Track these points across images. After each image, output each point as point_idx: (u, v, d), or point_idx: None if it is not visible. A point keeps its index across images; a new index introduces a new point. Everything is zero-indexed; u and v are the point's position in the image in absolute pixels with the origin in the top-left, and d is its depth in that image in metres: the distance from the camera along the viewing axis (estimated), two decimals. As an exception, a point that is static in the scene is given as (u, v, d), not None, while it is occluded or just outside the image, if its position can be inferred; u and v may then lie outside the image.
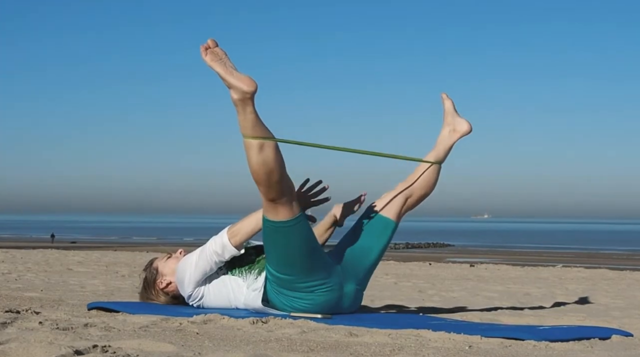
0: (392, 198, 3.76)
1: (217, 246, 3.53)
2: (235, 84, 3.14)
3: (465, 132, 3.94)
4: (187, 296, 3.64)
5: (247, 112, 3.17)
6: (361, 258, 3.59)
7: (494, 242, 46.28)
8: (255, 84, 3.15)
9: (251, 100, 3.16)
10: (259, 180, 3.23)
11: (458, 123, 3.95)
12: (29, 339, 2.47)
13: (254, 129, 3.18)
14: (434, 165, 3.83)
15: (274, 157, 3.21)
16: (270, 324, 3.11)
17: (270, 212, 3.30)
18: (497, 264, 16.25)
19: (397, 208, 3.74)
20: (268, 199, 3.27)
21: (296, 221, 3.31)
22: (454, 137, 3.93)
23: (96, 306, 3.61)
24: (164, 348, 2.47)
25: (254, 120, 3.18)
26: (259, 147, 3.19)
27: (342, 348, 2.58)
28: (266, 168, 3.20)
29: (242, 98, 3.15)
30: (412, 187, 3.80)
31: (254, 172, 3.22)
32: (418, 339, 2.81)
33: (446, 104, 4.02)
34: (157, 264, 3.79)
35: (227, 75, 3.15)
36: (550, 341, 2.85)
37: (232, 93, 3.16)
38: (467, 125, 3.95)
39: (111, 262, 10.59)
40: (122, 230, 71.24)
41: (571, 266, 15.87)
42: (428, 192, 3.84)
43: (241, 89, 3.14)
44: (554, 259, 26.13)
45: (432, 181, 3.83)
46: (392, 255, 25.74)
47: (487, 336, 2.85)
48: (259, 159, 3.19)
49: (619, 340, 3.02)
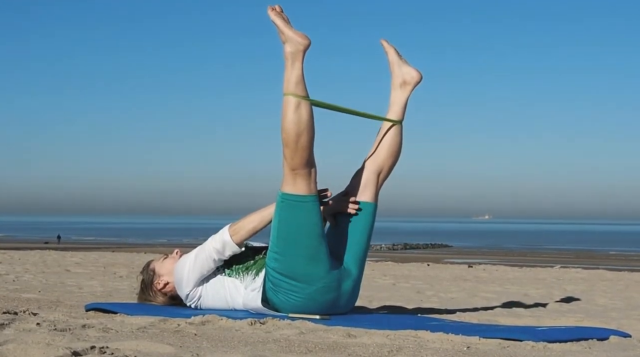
0: (364, 179, 3.60)
1: (217, 243, 3.53)
2: (292, 36, 3.35)
3: (417, 81, 3.70)
4: (184, 296, 3.63)
5: (295, 67, 3.33)
6: (351, 251, 3.53)
7: (492, 243, 46.29)
8: (309, 39, 3.35)
9: (302, 55, 3.35)
10: (288, 140, 3.29)
11: (407, 73, 3.71)
12: (26, 341, 2.46)
13: (296, 86, 3.33)
14: (395, 127, 3.64)
15: (307, 119, 3.31)
16: (269, 325, 3.11)
17: (288, 184, 3.32)
18: (495, 265, 16.25)
19: (372, 188, 3.60)
20: (291, 167, 3.31)
21: (312, 198, 3.33)
22: (407, 90, 3.70)
23: (94, 307, 3.61)
24: (162, 349, 2.47)
25: (299, 77, 3.33)
26: (296, 105, 3.30)
27: (340, 349, 2.58)
28: (298, 128, 3.28)
29: (294, 51, 3.33)
30: (379, 159, 3.63)
31: (285, 131, 3.30)
32: (416, 340, 2.81)
33: (390, 54, 3.78)
34: (154, 265, 3.79)
35: (285, 28, 3.37)
36: (549, 341, 2.85)
37: (286, 46, 3.35)
38: (417, 74, 3.71)
39: (109, 263, 10.57)
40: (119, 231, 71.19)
41: (569, 267, 15.87)
42: (396, 158, 3.66)
43: (296, 41, 3.34)
44: (552, 260, 26.13)
45: (397, 145, 3.65)
46: (390, 256, 25.74)
47: (485, 337, 2.85)
48: (294, 117, 3.29)
49: (617, 341, 3.02)
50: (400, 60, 3.76)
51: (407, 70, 3.73)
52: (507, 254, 31.38)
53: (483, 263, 19.21)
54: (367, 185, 3.61)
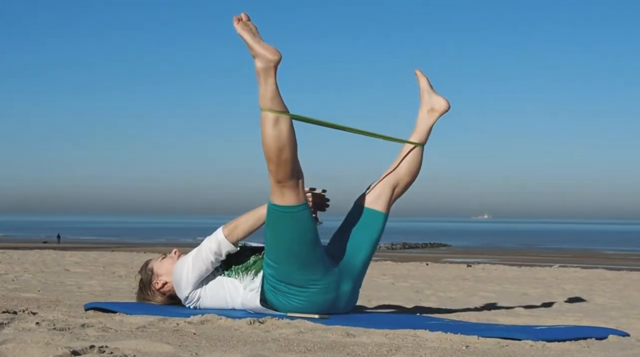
0: (379, 190, 3.70)
1: (213, 244, 3.53)
2: (261, 52, 3.23)
3: (444, 110, 3.85)
4: (184, 297, 3.63)
5: (268, 83, 3.24)
6: (354, 254, 3.56)
7: (491, 242, 46.29)
8: (279, 54, 3.23)
9: (274, 71, 3.24)
10: (270, 155, 3.24)
11: (436, 101, 3.86)
12: (26, 340, 2.47)
13: (272, 101, 3.23)
14: (416, 148, 3.76)
15: (288, 133, 3.24)
16: (268, 324, 3.11)
17: (276, 196, 3.30)
18: (494, 264, 16.24)
19: (386, 199, 3.68)
20: (276, 180, 3.27)
21: (301, 207, 3.32)
22: (433, 117, 3.83)
23: (93, 306, 3.61)
24: (161, 349, 2.47)
25: (273, 92, 3.24)
26: (275, 120, 3.22)
27: (339, 348, 2.58)
28: (279, 143, 3.22)
29: (266, 67, 3.22)
30: (397, 175, 3.73)
31: (266, 146, 3.24)
32: (415, 339, 2.82)
33: (421, 82, 3.92)
34: (152, 265, 3.79)
35: (254, 43, 3.24)
36: (547, 341, 2.85)
37: (256, 62, 3.24)
38: (445, 103, 3.86)
39: (108, 263, 10.57)
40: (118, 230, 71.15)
41: (568, 266, 15.88)
42: (414, 177, 3.77)
43: (266, 57, 3.22)
44: (551, 259, 26.14)
45: (417, 165, 3.76)
46: (389, 255, 25.75)
47: (484, 336, 2.85)
48: (273, 132, 3.22)
49: (615, 340, 3.03)
50: (431, 89, 3.91)
51: (437, 99, 3.87)
52: (506, 254, 31.38)
53: (482, 262, 19.21)
54: (381, 195, 3.69)
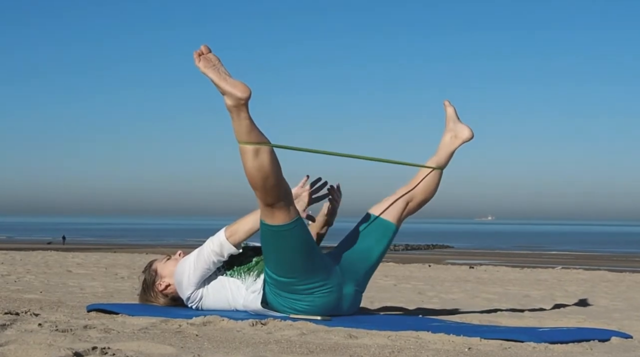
0: (392, 202, 3.79)
1: (215, 245, 3.53)
2: (229, 90, 3.12)
3: (467, 138, 3.99)
4: (186, 297, 3.63)
5: (241, 118, 3.16)
6: (361, 260, 3.60)
7: (493, 244, 46.26)
8: (249, 90, 3.13)
9: (245, 106, 3.15)
10: (256, 185, 3.23)
11: (460, 129, 3.99)
12: (28, 341, 2.47)
13: (249, 135, 3.18)
14: (435, 171, 3.87)
15: (269, 162, 3.20)
16: (270, 326, 3.11)
17: (267, 217, 3.30)
18: (497, 266, 16.24)
19: (398, 212, 3.77)
20: (265, 204, 3.27)
21: (294, 224, 3.31)
22: (455, 143, 3.97)
23: (95, 307, 3.61)
24: (163, 350, 2.47)
25: (248, 126, 3.17)
26: (255, 152, 3.18)
27: (342, 350, 2.58)
28: (262, 173, 3.19)
29: (236, 104, 3.14)
30: (413, 192, 3.83)
31: (250, 178, 3.22)
32: (417, 341, 2.82)
33: (448, 111, 4.07)
34: (155, 266, 3.79)
35: (221, 81, 3.14)
36: (550, 342, 2.85)
37: (226, 99, 3.15)
38: (469, 132, 3.99)
39: (110, 264, 10.58)
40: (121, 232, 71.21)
41: (571, 268, 15.86)
42: (429, 197, 3.88)
43: (235, 96, 3.12)
44: (554, 261, 26.10)
45: (434, 186, 3.87)
46: (392, 257, 25.73)
47: (486, 338, 2.85)
48: (255, 164, 3.19)
49: (618, 342, 3.02)
50: (457, 118, 4.05)
51: (461, 128, 4.00)
52: (508, 255, 31.34)
53: (484, 264, 19.19)
54: (395, 207, 3.78)
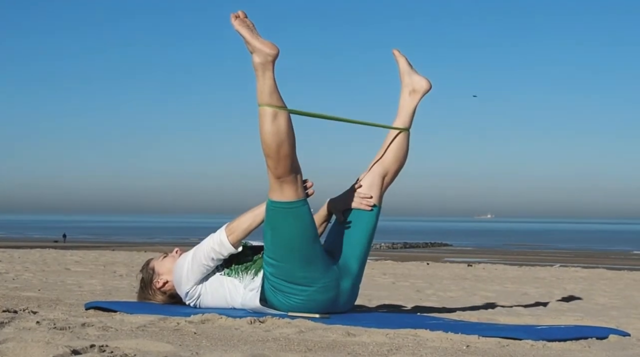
0: (369, 181, 3.65)
1: (214, 244, 3.52)
2: (259, 47, 3.23)
3: (426, 90, 3.78)
4: (184, 294, 3.63)
5: (266, 77, 3.24)
6: (351, 251, 3.55)
7: (492, 242, 46.28)
8: (277, 48, 3.24)
9: (272, 65, 3.24)
10: (269, 151, 3.24)
11: (417, 82, 3.78)
12: (26, 339, 2.47)
13: (270, 96, 3.23)
14: (402, 134, 3.71)
15: (286, 128, 3.24)
16: (268, 323, 3.11)
17: (275, 192, 3.30)
18: (495, 264, 16.25)
19: (377, 190, 3.65)
20: (275, 176, 3.27)
21: (301, 203, 3.32)
22: (415, 99, 3.77)
23: (94, 305, 3.61)
24: (161, 348, 2.47)
25: (271, 87, 3.24)
26: (273, 116, 3.22)
27: (340, 348, 2.58)
28: (278, 139, 3.22)
29: (263, 61, 3.22)
30: (385, 164, 3.68)
31: (264, 142, 3.24)
32: (415, 339, 2.82)
33: (400, 63, 3.84)
34: (153, 264, 3.79)
35: (252, 38, 3.25)
36: (548, 340, 2.85)
37: (254, 57, 3.24)
38: (427, 83, 3.78)
39: (109, 262, 10.57)
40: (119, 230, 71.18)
41: (569, 266, 15.88)
42: (401, 164, 3.72)
43: (264, 51, 3.22)
44: (552, 258, 26.14)
45: (404, 151, 3.72)
46: (390, 255, 25.75)
47: (484, 336, 2.85)
48: (272, 128, 3.22)
49: (616, 340, 3.03)
50: (411, 69, 3.83)
51: (417, 79, 3.80)
52: (506, 253, 31.38)
53: (483, 262, 19.22)
54: (372, 187, 3.65)
